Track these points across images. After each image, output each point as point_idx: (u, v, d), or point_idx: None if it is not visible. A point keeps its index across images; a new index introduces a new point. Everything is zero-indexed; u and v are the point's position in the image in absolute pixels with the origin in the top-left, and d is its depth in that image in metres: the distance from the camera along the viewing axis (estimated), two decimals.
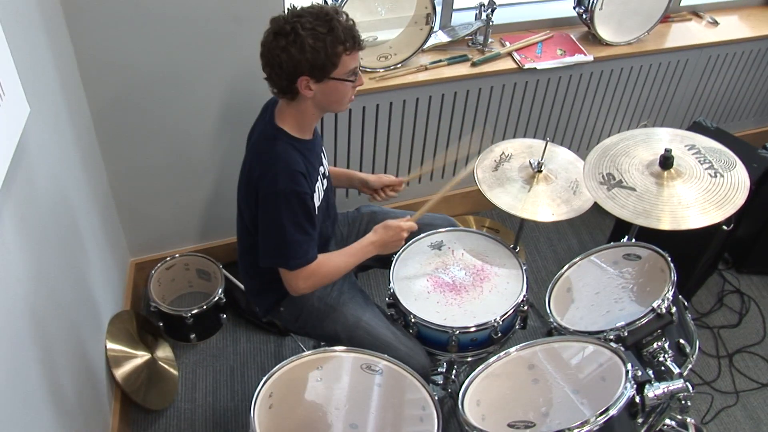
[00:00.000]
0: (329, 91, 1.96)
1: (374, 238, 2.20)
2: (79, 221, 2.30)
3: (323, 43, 1.86)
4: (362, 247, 2.19)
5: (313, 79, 1.91)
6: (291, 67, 1.89)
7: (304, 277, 2.07)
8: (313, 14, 1.88)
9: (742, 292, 3.45)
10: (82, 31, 2.33)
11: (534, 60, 3.11)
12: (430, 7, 2.82)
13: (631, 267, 2.32)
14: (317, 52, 1.86)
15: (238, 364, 2.92)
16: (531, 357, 2.03)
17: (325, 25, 1.86)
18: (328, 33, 1.86)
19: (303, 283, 2.08)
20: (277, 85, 1.97)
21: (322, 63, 1.88)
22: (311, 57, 1.86)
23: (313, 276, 2.09)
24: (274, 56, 1.90)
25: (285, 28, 1.87)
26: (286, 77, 1.92)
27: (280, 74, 1.92)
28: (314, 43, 1.85)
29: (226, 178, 2.91)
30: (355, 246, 2.20)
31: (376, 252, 2.22)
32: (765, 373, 3.09)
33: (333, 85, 1.95)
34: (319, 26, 1.86)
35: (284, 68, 1.90)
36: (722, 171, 2.19)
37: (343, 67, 1.93)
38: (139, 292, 3.07)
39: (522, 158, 2.53)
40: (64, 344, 2.05)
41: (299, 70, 1.89)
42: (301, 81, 1.91)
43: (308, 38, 1.85)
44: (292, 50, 1.86)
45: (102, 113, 2.55)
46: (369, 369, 2.01)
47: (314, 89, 1.94)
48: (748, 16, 3.69)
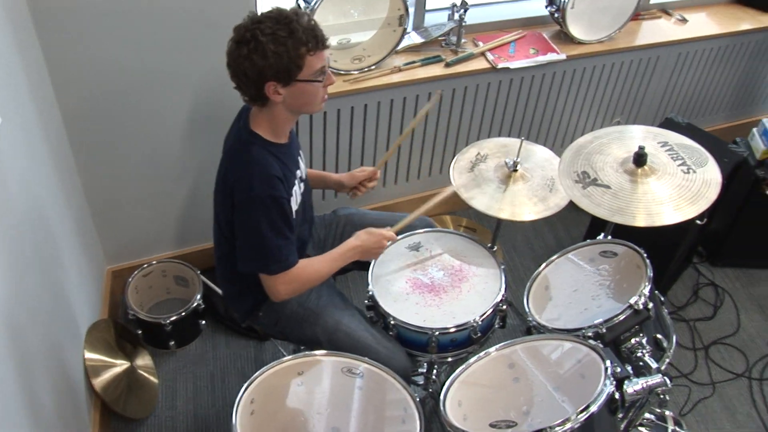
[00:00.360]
0: (298, 93, 1.95)
1: (356, 243, 2.20)
2: (54, 230, 2.28)
3: (285, 47, 1.85)
4: (344, 252, 2.19)
5: (280, 83, 1.91)
6: (256, 75, 1.88)
7: (285, 282, 2.06)
8: (273, 18, 1.87)
9: (716, 285, 3.49)
10: (52, 37, 2.31)
11: (507, 59, 3.13)
12: (402, 8, 2.82)
13: (607, 264, 2.34)
14: (280, 56, 1.85)
15: (218, 371, 2.90)
16: (511, 356, 2.04)
17: (285, 29, 1.85)
18: (288, 36, 1.85)
19: (284, 288, 2.08)
20: (247, 93, 1.97)
21: (286, 66, 1.87)
22: (274, 62, 1.86)
23: (295, 281, 2.08)
24: (239, 65, 1.89)
25: (245, 35, 1.86)
26: (253, 85, 1.91)
27: (247, 82, 1.92)
28: (276, 48, 1.84)
29: (202, 184, 2.90)
30: (336, 251, 2.20)
31: (358, 257, 2.22)
32: (740, 364, 3.13)
33: (301, 87, 1.94)
34: (279, 30, 1.85)
35: (250, 76, 1.89)
36: (695, 167, 2.21)
37: (309, 68, 1.91)
38: (117, 300, 3.04)
39: (497, 158, 2.54)
40: (42, 355, 2.03)
41: (264, 76, 1.88)
42: (268, 87, 1.90)
43: (269, 44, 1.84)
44: (255, 57, 1.85)
45: (74, 121, 2.52)
46: (350, 372, 2.01)
47: (283, 93, 1.93)
48: (716, 13, 3.74)
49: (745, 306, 3.40)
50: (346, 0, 2.77)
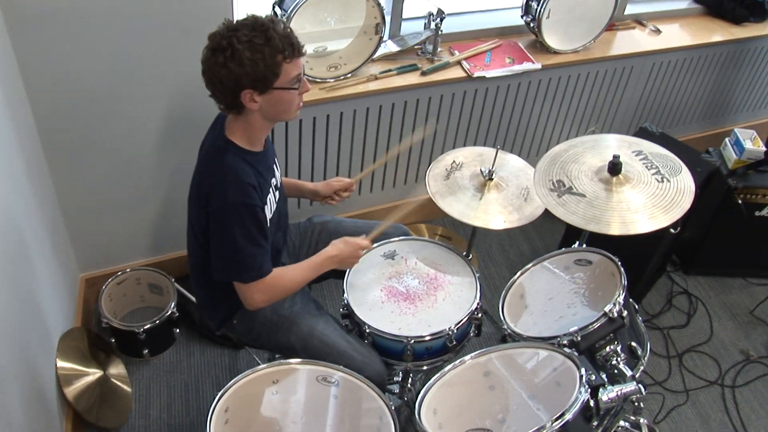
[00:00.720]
0: (275, 101, 1.94)
1: (333, 252, 2.19)
2: (26, 238, 2.25)
3: (262, 54, 1.84)
4: (320, 261, 2.18)
5: (257, 91, 1.90)
6: (232, 82, 1.87)
7: (260, 290, 2.05)
8: (249, 26, 1.86)
9: (689, 293, 3.53)
10: (25, 43, 2.28)
11: (483, 68, 3.14)
12: (379, 17, 2.83)
13: (582, 272, 2.35)
14: (256, 63, 1.84)
15: (192, 379, 2.88)
16: (486, 364, 2.04)
17: (262, 36, 1.84)
18: (265, 43, 1.84)
19: (259, 296, 2.06)
20: (223, 101, 1.95)
21: (263, 74, 1.86)
22: (251, 70, 1.85)
23: (270, 289, 2.07)
24: (215, 73, 1.87)
25: (222, 43, 1.84)
26: (229, 93, 1.90)
27: (223, 90, 1.90)
28: (252, 55, 1.83)
29: (176, 191, 2.88)
30: (313, 259, 2.19)
31: (334, 266, 2.21)
32: (713, 371, 3.16)
33: (278, 95, 1.93)
34: (255, 37, 1.84)
35: (226, 84, 1.88)
36: (669, 176, 2.23)
37: (286, 76, 1.91)
38: (90, 308, 3.01)
39: (473, 166, 2.55)
40: (12, 364, 2.00)
41: (241, 84, 1.87)
42: (244, 95, 1.89)
43: (246, 51, 1.83)
44: (231, 65, 1.84)
45: (48, 127, 2.49)
46: (325, 381, 2.01)
47: (259, 101, 1.92)
48: (689, 24, 3.79)
49: (718, 314, 3.44)
50: (323, 8, 2.77)
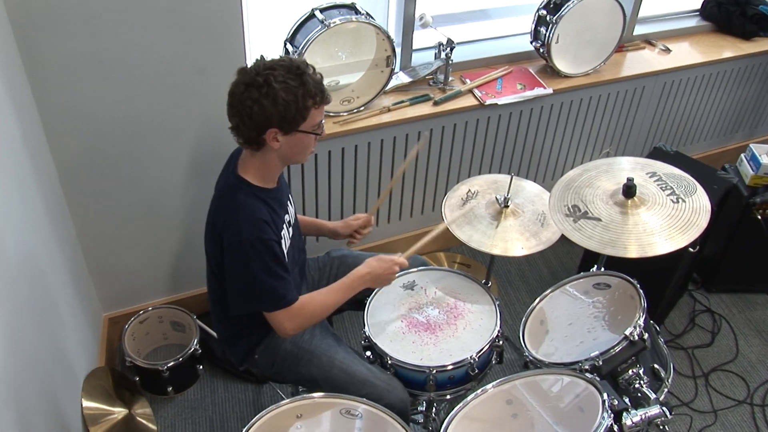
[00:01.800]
0: (295, 143, 1.98)
1: (366, 270, 2.20)
2: (49, 279, 2.29)
3: (295, 97, 1.88)
4: (352, 281, 2.19)
5: (282, 131, 1.93)
6: (262, 119, 1.90)
7: (288, 318, 2.07)
8: (285, 67, 1.90)
9: (712, 311, 3.50)
10: (43, 85, 2.32)
11: (495, 96, 3.16)
12: (389, 49, 2.86)
13: (601, 296, 2.35)
14: (288, 105, 1.88)
15: (217, 415, 2.89)
16: (509, 392, 2.04)
17: (297, 79, 1.89)
18: (299, 86, 1.89)
19: (288, 324, 2.08)
20: (244, 136, 1.97)
21: (292, 116, 1.90)
22: (283, 110, 1.88)
23: (298, 316, 2.09)
24: (246, 107, 1.90)
25: (257, 80, 1.88)
26: (255, 128, 1.93)
27: (250, 125, 1.93)
28: (287, 96, 1.87)
29: (195, 229, 2.90)
30: (344, 281, 2.20)
31: (367, 285, 2.22)
32: (741, 390, 3.12)
33: (300, 138, 1.97)
34: (291, 79, 1.88)
35: (255, 119, 1.91)
36: (684, 196, 2.23)
37: (311, 121, 1.95)
38: (114, 348, 3.04)
39: (488, 194, 2.56)
40: (39, 405, 2.02)
41: (270, 122, 1.90)
42: (269, 133, 1.93)
43: (281, 91, 1.87)
44: (265, 102, 1.88)
45: (67, 168, 2.53)
46: (348, 414, 2.00)
47: (281, 141, 1.95)
48: (698, 42, 3.80)
49: (743, 331, 3.40)
50: (333, 43, 2.81)
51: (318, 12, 2.71)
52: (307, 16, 2.74)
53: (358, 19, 2.69)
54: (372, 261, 2.23)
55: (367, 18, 2.72)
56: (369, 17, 2.74)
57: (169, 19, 2.36)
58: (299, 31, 2.73)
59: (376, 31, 2.79)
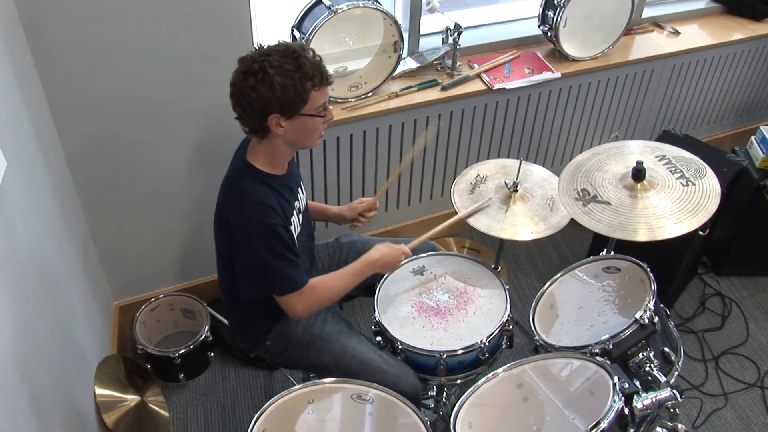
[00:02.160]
0: (300, 127, 1.98)
1: (377, 255, 2.22)
2: (60, 269, 2.30)
3: (292, 80, 1.88)
4: (362, 266, 2.21)
5: (284, 116, 1.93)
6: (261, 106, 1.91)
7: (300, 300, 2.08)
8: (280, 52, 1.90)
9: (723, 295, 3.49)
10: (53, 78, 2.33)
11: (503, 80, 3.15)
12: (397, 34, 2.85)
13: (611, 280, 2.35)
14: (286, 89, 1.88)
15: (228, 401, 2.90)
16: (519, 376, 2.04)
17: (293, 63, 1.88)
18: (295, 70, 1.88)
19: (300, 306, 2.09)
20: (248, 124, 1.99)
21: (291, 100, 1.90)
22: (281, 94, 1.88)
23: (309, 298, 2.10)
24: (244, 96, 1.91)
25: (253, 67, 1.89)
26: (256, 116, 1.94)
27: (251, 113, 1.94)
28: (283, 81, 1.87)
29: (205, 216, 2.88)
30: (354, 265, 2.21)
31: (376, 271, 2.24)
32: (751, 373, 3.12)
33: (303, 122, 1.97)
34: (286, 64, 1.88)
35: (254, 107, 1.92)
36: (693, 179, 2.22)
37: (313, 103, 1.95)
38: (125, 335, 3.05)
39: (497, 179, 2.56)
40: (53, 394, 2.04)
41: (269, 108, 1.91)
42: (271, 119, 1.93)
43: (276, 76, 1.87)
44: (262, 89, 1.88)
45: (77, 158, 2.55)
46: (360, 398, 2.02)
47: (285, 126, 1.96)
48: (708, 24, 3.77)
49: (754, 314, 3.40)
50: (341, 29, 2.80)
51: None
52: (314, 2, 2.73)
53: (365, 4, 2.68)
54: (382, 246, 2.24)
55: (374, 3, 2.71)
56: (376, 2, 2.73)
57: (177, 7, 2.35)
58: (306, 18, 2.73)
59: (384, 17, 2.78)
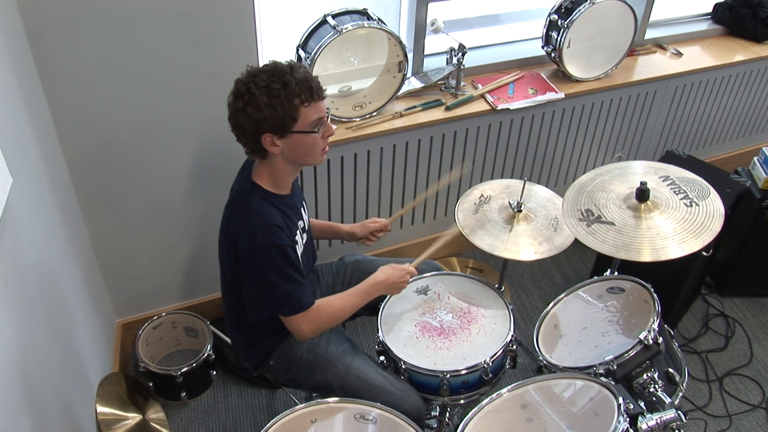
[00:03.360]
0: (296, 145, 1.98)
1: (382, 277, 2.22)
2: (63, 286, 2.30)
3: (278, 99, 1.88)
4: (368, 287, 2.20)
5: (276, 135, 1.93)
6: (252, 127, 1.91)
7: (306, 322, 2.08)
8: (268, 71, 1.91)
9: (726, 315, 3.48)
10: (57, 91, 2.34)
11: (507, 100, 3.17)
12: (401, 54, 2.87)
13: (615, 300, 2.35)
14: (273, 108, 1.88)
15: (230, 420, 2.89)
16: (523, 396, 2.03)
17: (279, 81, 1.89)
18: (282, 88, 1.88)
19: (306, 327, 2.09)
20: (246, 146, 2.00)
21: (280, 119, 1.90)
22: (269, 114, 1.89)
23: (316, 320, 2.10)
24: (237, 118, 1.93)
25: (241, 89, 1.90)
26: (250, 137, 1.95)
27: (245, 134, 1.95)
28: (269, 100, 1.88)
29: (208, 234, 2.92)
30: (360, 287, 2.21)
31: (381, 292, 2.24)
32: (755, 395, 3.11)
33: (298, 139, 1.96)
34: (273, 83, 1.88)
35: (246, 128, 1.93)
36: (697, 200, 2.23)
37: (305, 120, 1.94)
38: (128, 353, 3.05)
39: (501, 199, 2.57)
40: (55, 412, 2.03)
41: (260, 128, 1.91)
42: (264, 139, 1.93)
43: (263, 96, 1.87)
44: (249, 110, 1.89)
45: (81, 174, 2.55)
46: (362, 418, 2.01)
47: (280, 145, 1.96)
48: (710, 45, 3.79)
49: (757, 335, 3.39)
50: (346, 48, 2.82)
51: (330, 18, 2.71)
52: (320, 22, 2.74)
53: (370, 24, 2.70)
54: (387, 268, 2.24)
55: (379, 24, 2.73)
56: (381, 23, 2.75)
57: (182, 25, 2.37)
58: (311, 37, 2.74)
59: (388, 37, 2.80)
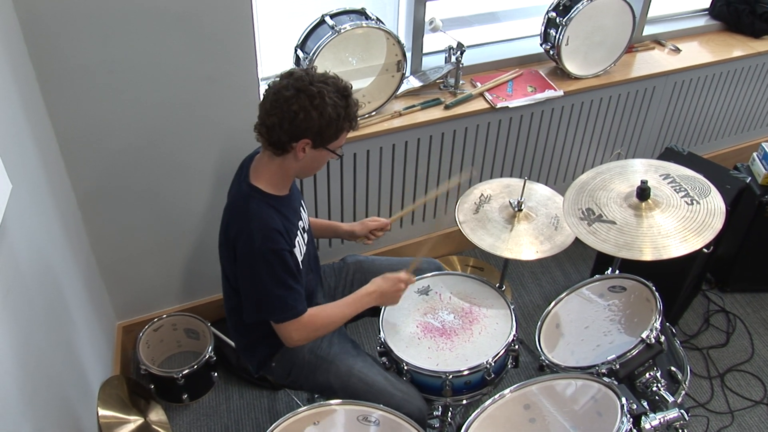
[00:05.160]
0: (318, 158, 2.02)
1: (372, 288, 2.21)
2: (63, 290, 2.29)
3: (338, 116, 1.92)
4: (360, 297, 2.20)
5: (314, 144, 1.96)
6: (302, 125, 1.90)
7: (296, 329, 2.07)
8: (335, 85, 1.94)
9: (727, 311, 3.48)
10: (56, 96, 2.34)
11: (506, 98, 3.16)
12: (400, 54, 2.86)
13: (617, 299, 2.34)
14: (330, 122, 1.92)
15: (232, 422, 2.89)
16: (526, 397, 2.03)
17: (344, 100, 1.94)
18: (344, 108, 1.94)
19: (296, 334, 2.08)
20: (275, 137, 1.94)
21: (330, 133, 1.95)
22: (326, 124, 1.92)
23: (306, 328, 2.09)
24: (291, 111, 1.89)
25: (311, 89, 1.89)
26: (291, 134, 1.93)
27: (288, 129, 1.92)
28: (333, 113, 1.91)
29: (208, 236, 2.91)
30: (352, 297, 2.20)
31: (374, 303, 2.23)
32: (757, 391, 3.11)
33: (323, 155, 2.01)
34: (338, 99, 1.92)
35: (296, 125, 1.90)
36: (698, 198, 2.23)
37: (339, 142, 2.01)
38: (128, 356, 3.04)
39: (501, 198, 2.56)
40: (56, 416, 2.03)
41: (308, 132, 1.92)
42: (302, 142, 1.94)
43: (329, 107, 1.90)
44: (313, 113, 1.89)
45: (81, 180, 2.55)
46: (365, 420, 2.01)
47: (307, 153, 1.98)
48: (708, 41, 3.79)
49: (758, 331, 3.39)
50: (344, 48, 2.81)
51: (328, 18, 2.71)
52: (318, 22, 2.74)
53: (368, 24, 2.69)
54: (378, 279, 2.23)
55: (377, 23, 2.72)
56: (379, 22, 2.74)
57: (180, 27, 2.36)
58: (310, 37, 2.74)
59: (387, 36, 2.79)
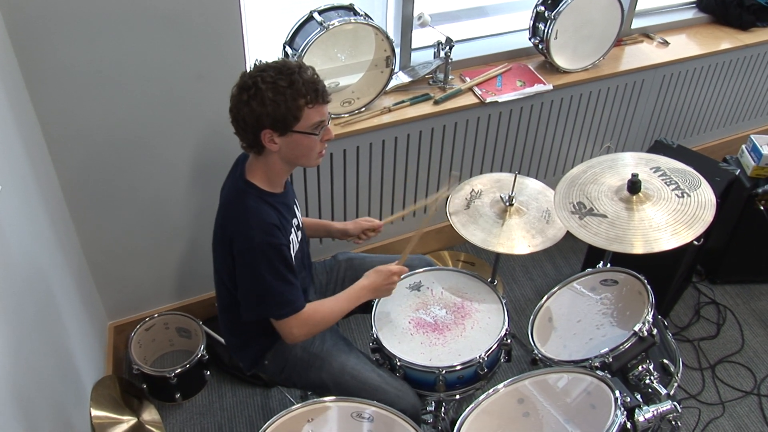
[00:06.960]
0: (294, 144, 1.97)
1: (366, 282, 2.21)
2: (54, 290, 2.28)
3: (284, 96, 1.88)
4: (354, 292, 2.20)
5: (276, 132, 1.93)
6: (253, 121, 1.91)
7: (297, 325, 2.06)
8: (276, 68, 1.90)
9: (717, 303, 3.50)
10: (43, 95, 2.32)
11: (495, 93, 3.16)
12: (389, 49, 2.85)
13: (609, 292, 2.35)
14: (278, 105, 1.88)
15: (226, 420, 2.88)
16: (520, 391, 2.04)
17: (286, 79, 1.88)
18: (288, 86, 1.88)
19: (297, 330, 2.07)
20: (244, 139, 1.99)
21: (283, 116, 1.90)
22: (272, 110, 1.88)
23: (306, 323, 2.08)
24: (239, 110, 1.92)
25: (247, 82, 1.90)
26: (250, 131, 1.94)
27: (245, 128, 1.94)
28: (274, 97, 1.87)
29: (199, 234, 2.90)
30: (347, 291, 2.20)
31: (369, 297, 2.23)
32: (748, 381, 3.13)
33: (297, 139, 1.96)
34: (280, 80, 1.88)
35: (247, 122, 1.92)
36: (688, 191, 2.23)
37: (307, 121, 1.94)
38: (120, 355, 3.03)
39: (492, 193, 2.56)
40: (48, 417, 2.02)
41: (261, 123, 1.91)
42: (264, 134, 1.93)
43: (268, 92, 1.87)
44: (253, 104, 1.88)
45: (69, 176, 2.53)
46: (359, 416, 2.01)
47: (279, 143, 1.95)
48: (696, 34, 3.80)
49: (748, 322, 3.41)
50: (333, 44, 2.80)
51: (316, 14, 2.70)
52: (306, 18, 2.73)
53: (356, 20, 2.69)
54: (371, 273, 2.23)
55: (365, 19, 2.71)
56: (367, 18, 2.73)
57: (168, 26, 2.35)
58: (298, 34, 2.73)
59: (375, 32, 2.79)
